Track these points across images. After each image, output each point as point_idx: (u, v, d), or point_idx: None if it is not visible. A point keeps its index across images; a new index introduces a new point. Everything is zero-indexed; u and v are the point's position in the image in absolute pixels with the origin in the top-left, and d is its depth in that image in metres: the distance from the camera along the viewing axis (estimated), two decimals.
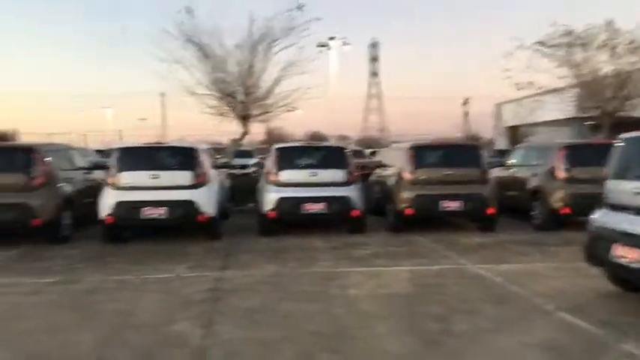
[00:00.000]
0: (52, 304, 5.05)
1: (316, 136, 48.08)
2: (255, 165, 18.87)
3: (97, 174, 10.06)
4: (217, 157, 12.13)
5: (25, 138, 31.34)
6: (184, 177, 7.98)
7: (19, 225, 7.73)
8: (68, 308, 4.92)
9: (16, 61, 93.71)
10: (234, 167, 11.40)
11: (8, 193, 7.60)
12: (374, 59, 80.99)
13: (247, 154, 21.06)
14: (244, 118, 12.61)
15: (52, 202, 7.93)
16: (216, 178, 8.92)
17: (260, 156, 20.82)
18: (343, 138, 50.07)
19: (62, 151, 9.07)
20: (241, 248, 7.74)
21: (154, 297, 5.28)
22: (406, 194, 8.54)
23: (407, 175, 8.60)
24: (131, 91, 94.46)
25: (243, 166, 17.10)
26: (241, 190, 11.35)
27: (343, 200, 8.38)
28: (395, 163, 9.31)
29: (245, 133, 12.94)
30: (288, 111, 12.99)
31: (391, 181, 9.17)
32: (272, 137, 39.85)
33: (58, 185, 8.22)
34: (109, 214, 7.80)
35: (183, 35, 11.79)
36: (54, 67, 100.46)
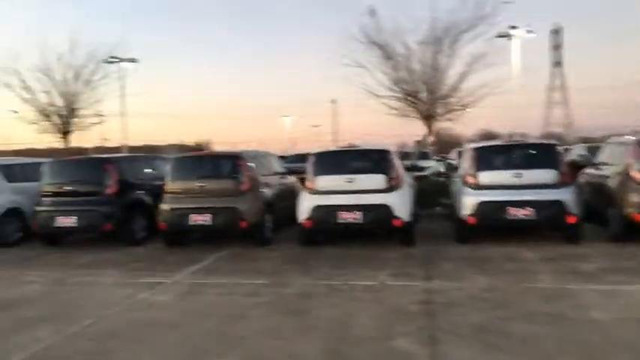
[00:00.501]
0: (270, 307, 5.16)
1: (488, 135, 45.44)
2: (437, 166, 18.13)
3: (290, 178, 10.56)
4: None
5: (218, 147, 35.07)
6: (379, 180, 7.80)
7: (230, 227, 8.30)
8: (285, 312, 4.96)
9: (205, 75, 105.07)
10: (421, 169, 10.97)
11: (222, 198, 8.20)
12: (557, 47, 73.37)
13: (424, 155, 20.47)
14: (428, 118, 12.12)
15: (256, 206, 8.38)
16: (408, 181, 8.59)
17: (438, 156, 20.07)
18: (522, 135, 46.40)
19: (261, 157, 9.57)
20: (440, 256, 7.26)
21: (365, 306, 5.08)
22: (637, 197, 7.19)
23: (638, 175, 7.25)
24: (305, 99, 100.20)
25: (421, 168, 16.57)
26: (426, 193, 10.85)
27: (556, 204, 7.37)
28: (618, 161, 7.95)
29: (429, 134, 12.42)
30: (467, 109, 12.18)
31: (613, 182, 7.85)
32: (442, 138, 38.67)
33: (261, 190, 8.65)
34: (307, 218, 7.95)
35: (366, 37, 11.75)
36: (237, 78, 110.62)
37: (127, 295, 5.80)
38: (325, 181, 7.99)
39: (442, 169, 12.14)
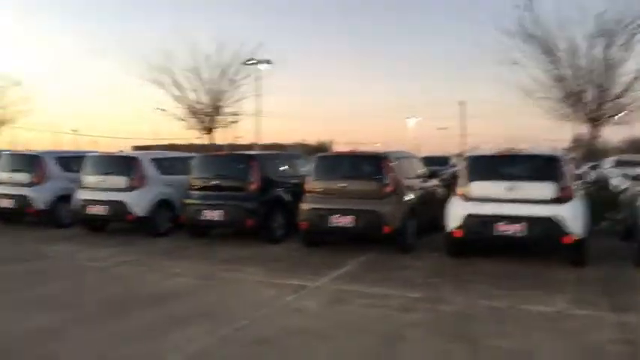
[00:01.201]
0: (430, 328, 4.55)
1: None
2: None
3: (432, 182, 9.84)
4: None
5: (339, 148, 35.06)
6: (547, 189, 6.79)
7: (372, 231, 7.83)
8: (450, 337, 4.32)
9: (328, 75, 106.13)
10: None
11: (364, 200, 7.77)
12: None
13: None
14: (594, 121, 10.60)
15: (400, 210, 7.81)
16: (581, 191, 7.43)
17: (589, 164, 17.81)
18: None
19: (405, 158, 8.98)
20: (622, 281, 6.10)
21: (547, 340, 4.25)
22: None
23: None
24: (430, 100, 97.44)
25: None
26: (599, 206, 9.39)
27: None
28: None
29: (594, 137, 10.88)
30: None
31: None
32: (586, 144, 34.87)
33: (405, 193, 8.07)
34: (457, 227, 7.19)
35: (522, 32, 10.59)
36: (360, 77, 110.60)
37: (272, 297, 5.57)
38: (481, 188, 7.17)
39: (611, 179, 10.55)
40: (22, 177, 10.68)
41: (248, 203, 8.69)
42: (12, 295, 5.76)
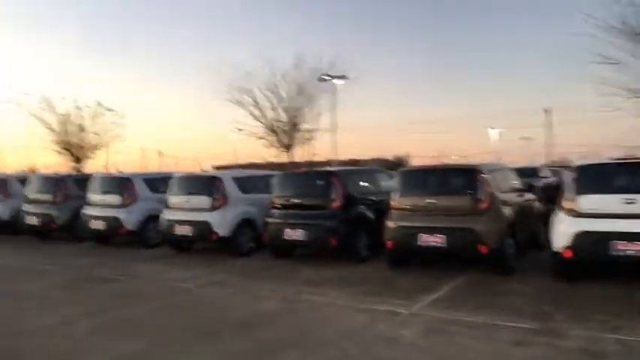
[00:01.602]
0: None
1: None
2: None
3: (528, 195, 9.03)
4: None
5: (417, 161, 34.07)
6: None
7: (467, 251, 7.21)
8: None
9: (403, 86, 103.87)
10: None
11: (457, 217, 7.18)
12: None
13: None
14: None
15: (497, 227, 7.13)
16: None
17: None
18: None
19: (500, 171, 8.27)
20: None
21: None
22: None
23: None
24: (512, 109, 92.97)
25: None
26: None
27: None
28: None
29: None
30: None
31: None
32: None
33: (502, 209, 7.38)
34: (566, 247, 6.40)
35: (628, 29, 9.56)
36: (441, 89, 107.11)
37: (364, 324, 5.14)
38: (594, 202, 6.36)
39: None
40: (113, 199, 11.07)
41: (330, 222, 8.37)
42: (99, 317, 5.76)
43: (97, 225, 10.98)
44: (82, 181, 12.33)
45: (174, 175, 10.79)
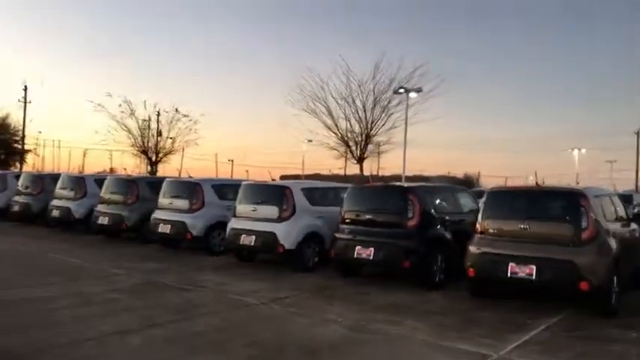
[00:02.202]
0: None
1: None
2: None
3: (633, 226, 7.91)
4: None
5: (487, 181, 32.27)
6: None
7: (565, 287, 6.32)
8: None
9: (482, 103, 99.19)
10: None
11: (553, 247, 6.31)
12: None
13: None
14: None
15: (601, 262, 6.19)
16: None
17: None
18: None
19: (605, 196, 7.27)
20: None
21: None
22: None
23: None
24: (598, 130, 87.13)
25: None
26: None
27: None
28: None
29: None
30: None
31: None
32: None
33: (607, 241, 6.41)
34: None
35: None
36: (522, 107, 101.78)
37: None
38: None
39: None
40: (181, 203, 10.97)
41: (406, 241, 7.70)
42: (157, 329, 5.43)
43: (164, 229, 10.91)
44: (154, 184, 12.41)
45: (242, 182, 10.53)
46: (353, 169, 22.81)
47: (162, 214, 11.13)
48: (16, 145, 41.54)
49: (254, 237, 9.19)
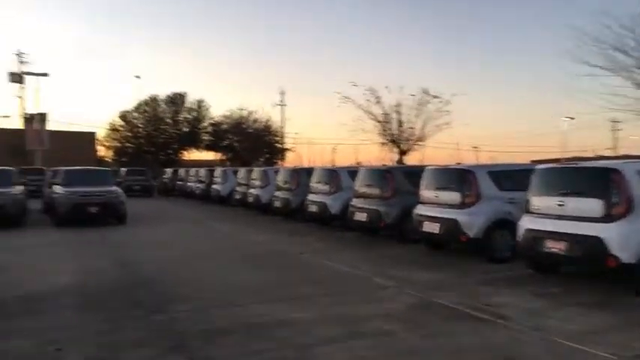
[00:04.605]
0: None
1: None
2: None
3: None
4: None
5: None
6: None
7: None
8: None
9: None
10: None
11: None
12: None
13: None
14: None
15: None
16: None
17: None
18: None
19: None
20: None
21: None
22: None
23: None
24: None
25: None
26: None
27: None
28: None
29: None
30: None
31: None
32: None
33: None
34: None
35: None
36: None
37: None
38: None
39: None
40: (450, 197, 8.77)
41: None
42: None
43: (431, 227, 8.88)
44: (413, 174, 10.45)
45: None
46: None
47: (427, 210, 9.14)
48: (277, 144, 45.92)
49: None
